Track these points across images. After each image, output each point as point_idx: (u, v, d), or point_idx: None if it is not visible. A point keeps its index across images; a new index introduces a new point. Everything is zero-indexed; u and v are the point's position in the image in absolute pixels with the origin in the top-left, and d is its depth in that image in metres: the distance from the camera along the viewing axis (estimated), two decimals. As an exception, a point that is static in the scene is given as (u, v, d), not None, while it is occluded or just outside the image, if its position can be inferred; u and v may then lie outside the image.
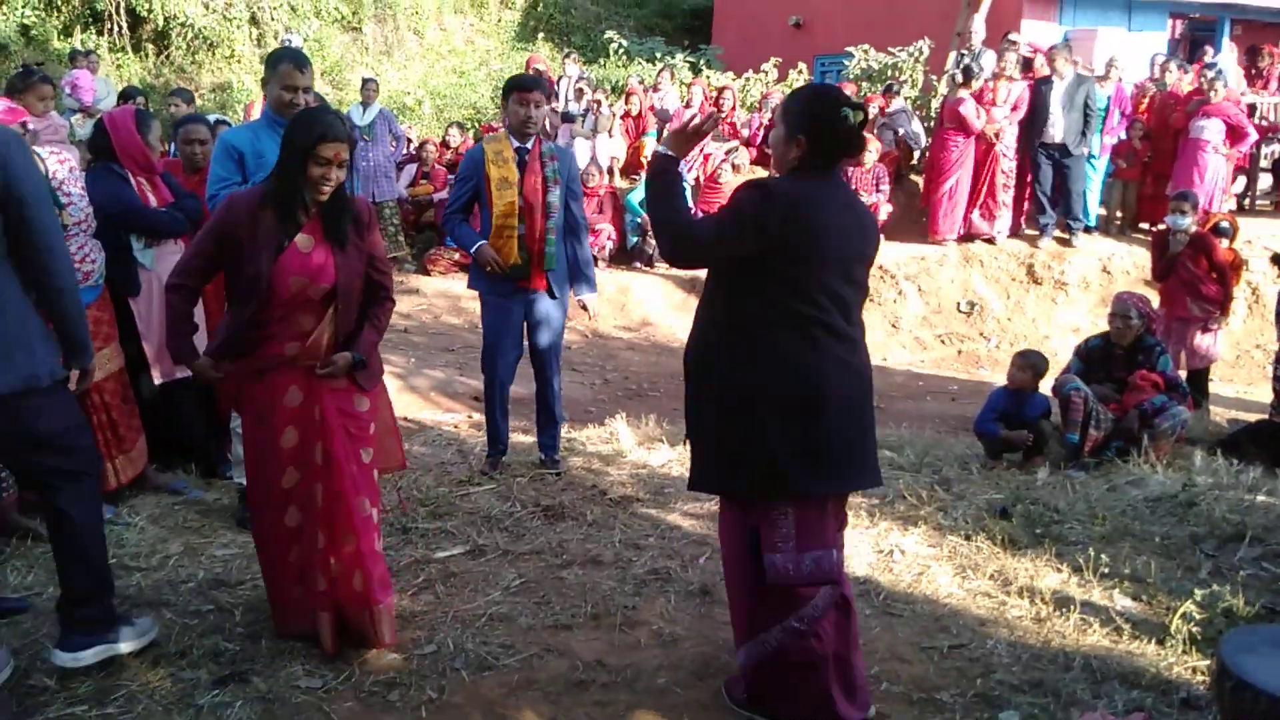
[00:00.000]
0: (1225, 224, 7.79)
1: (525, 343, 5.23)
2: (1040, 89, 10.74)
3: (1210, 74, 11.27)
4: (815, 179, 2.88)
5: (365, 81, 11.84)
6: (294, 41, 12.82)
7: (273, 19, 16.77)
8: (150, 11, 15.81)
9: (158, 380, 4.83)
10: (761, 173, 11.62)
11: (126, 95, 10.25)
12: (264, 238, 3.18)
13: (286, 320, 3.25)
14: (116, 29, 15.75)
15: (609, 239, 11.30)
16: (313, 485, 3.29)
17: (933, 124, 12.03)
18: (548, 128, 12.86)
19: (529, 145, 4.96)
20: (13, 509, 4.20)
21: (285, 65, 4.24)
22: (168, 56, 16.27)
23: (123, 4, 15.72)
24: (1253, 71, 13.38)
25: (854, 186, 11.31)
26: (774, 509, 2.90)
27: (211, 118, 6.98)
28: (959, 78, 11.01)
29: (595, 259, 11.22)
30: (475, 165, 4.96)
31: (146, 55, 16.13)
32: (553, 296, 5.10)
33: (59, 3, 15.51)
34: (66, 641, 3.20)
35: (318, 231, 3.25)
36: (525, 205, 4.90)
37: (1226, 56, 13.44)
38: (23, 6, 15.18)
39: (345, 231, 3.28)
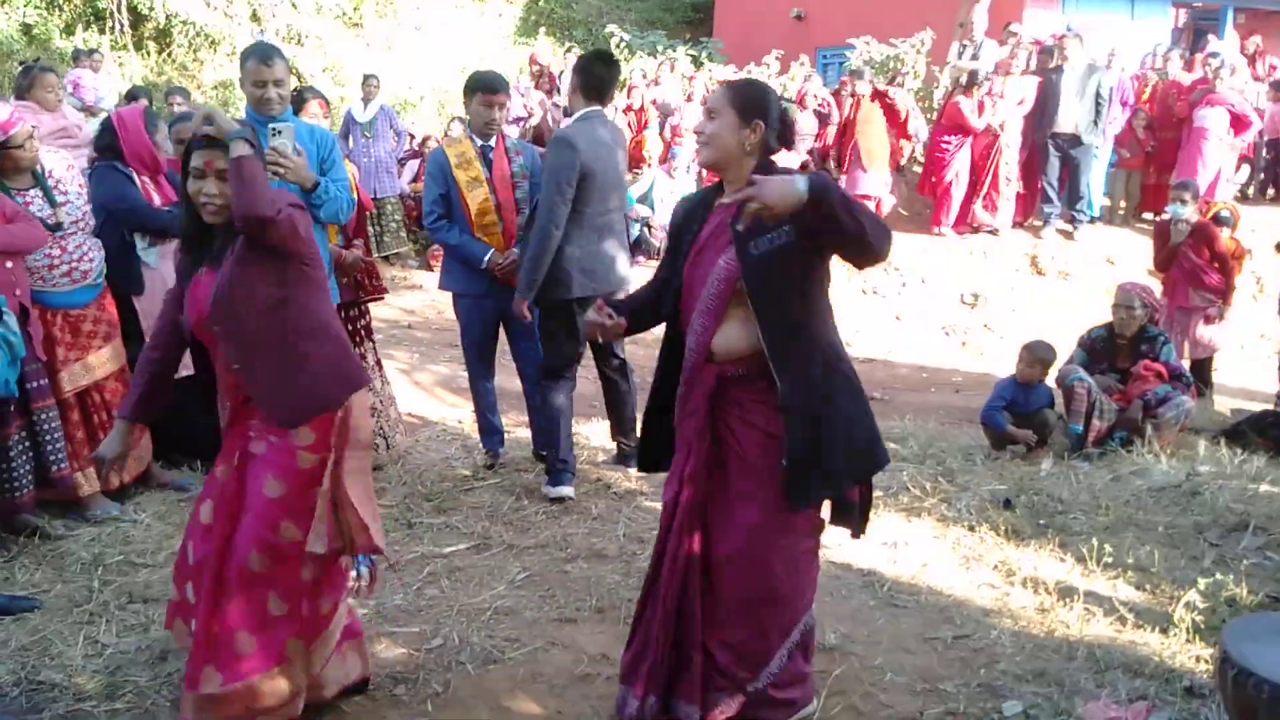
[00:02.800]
0: (1226, 213, 7.77)
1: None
2: (1051, 78, 10.71)
3: (1215, 63, 11.25)
4: None
5: (366, 78, 11.84)
6: (265, 37, 12.80)
7: (274, 15, 16.75)
8: (152, 9, 15.80)
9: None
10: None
11: (132, 95, 10.25)
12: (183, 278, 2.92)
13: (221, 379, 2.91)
14: (118, 27, 15.74)
15: (611, 233, 11.28)
16: None
17: (934, 115, 12.02)
18: (550, 123, 12.87)
19: (492, 143, 4.92)
20: (26, 508, 4.21)
21: (251, 62, 4.17)
22: (169, 54, 16.26)
23: (124, 2, 15.70)
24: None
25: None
26: None
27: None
28: (964, 80, 10.97)
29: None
30: (441, 169, 4.89)
31: (148, 53, 16.11)
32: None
33: (61, 1, 15.50)
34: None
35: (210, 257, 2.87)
36: (498, 202, 4.88)
37: (1229, 46, 13.39)
38: (25, 5, 15.18)
39: (221, 248, 2.80)
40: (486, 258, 4.84)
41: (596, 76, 4.72)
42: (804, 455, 2.73)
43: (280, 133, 3.94)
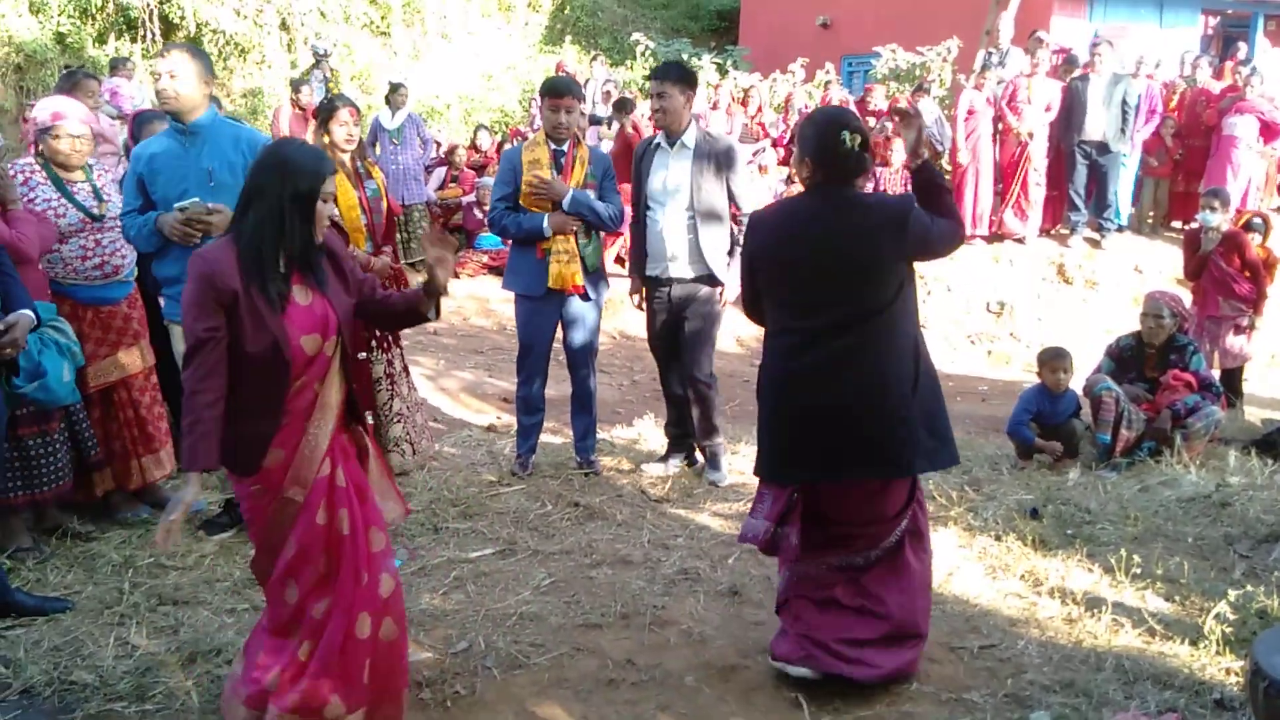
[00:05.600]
0: (1257, 221, 7.69)
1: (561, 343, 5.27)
2: (1077, 86, 10.66)
3: (1245, 70, 11.16)
4: (814, 196, 3.26)
5: (394, 86, 11.92)
6: (321, 49, 12.90)
7: (302, 24, 16.91)
8: (183, 18, 15.98)
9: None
10: (783, 173, 11.62)
11: (163, 101, 10.36)
12: (258, 299, 2.69)
13: (301, 393, 2.79)
14: (150, 36, 15.93)
15: (636, 241, 11.29)
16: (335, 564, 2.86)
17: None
18: (577, 130, 12.91)
19: (565, 148, 4.99)
20: (67, 497, 4.25)
21: (158, 55, 4.14)
22: (200, 62, 16.44)
23: (156, 11, 15.90)
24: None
25: (881, 187, 11.29)
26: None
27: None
28: (976, 70, 11.01)
29: (621, 261, 11.31)
30: (514, 169, 5.00)
31: (179, 61, 16.29)
32: (587, 298, 5.13)
33: (94, 10, 15.71)
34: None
35: (299, 278, 2.81)
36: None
37: (1263, 53, 13.28)
38: (59, 14, 15.39)
39: (322, 268, 2.86)
40: (545, 220, 4.93)
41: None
42: None
43: (186, 208, 3.88)
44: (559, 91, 4.99)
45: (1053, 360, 5.91)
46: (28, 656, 3.33)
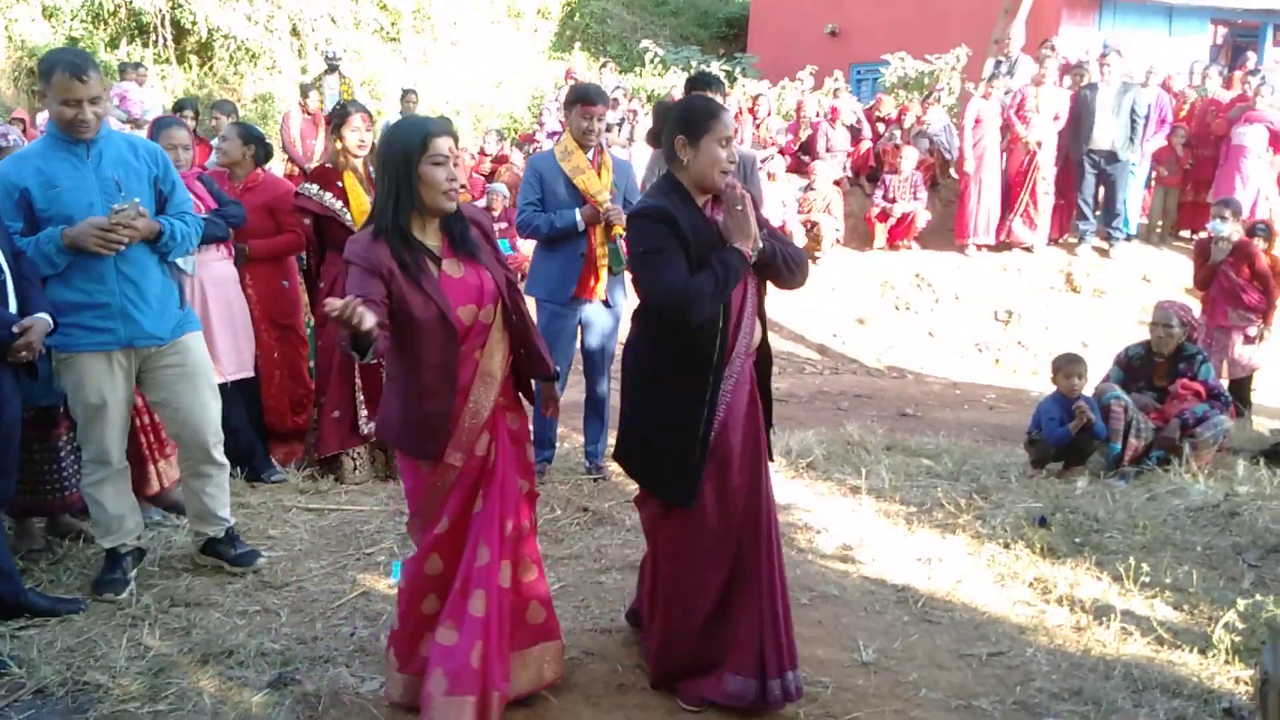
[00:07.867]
0: (1261, 226, 7.70)
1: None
2: (1085, 95, 10.68)
3: (1255, 80, 11.17)
4: None
5: (405, 92, 11.97)
6: (331, 52, 12.96)
7: (313, 30, 17.00)
8: (194, 24, 16.08)
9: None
10: (798, 180, 11.64)
11: (179, 106, 10.43)
12: (414, 270, 2.84)
13: (463, 363, 2.92)
14: (161, 41, 16.04)
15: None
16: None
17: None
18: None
19: (590, 156, 5.02)
20: (76, 506, 4.26)
21: (59, 75, 3.49)
22: (211, 68, 16.53)
23: (168, 16, 16.00)
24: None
25: (890, 195, 11.32)
26: None
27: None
28: (986, 78, 11.06)
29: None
30: (541, 178, 5.01)
31: (190, 67, 16.40)
32: (608, 305, 5.16)
33: (106, 15, 15.81)
34: None
35: (449, 251, 2.95)
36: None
37: (1273, 62, 13.26)
38: (71, 19, 15.50)
39: (471, 239, 2.98)
40: (576, 213, 4.94)
41: None
42: None
43: (124, 209, 3.61)
44: (592, 99, 5.00)
45: (1067, 366, 5.89)
46: (41, 657, 3.35)
